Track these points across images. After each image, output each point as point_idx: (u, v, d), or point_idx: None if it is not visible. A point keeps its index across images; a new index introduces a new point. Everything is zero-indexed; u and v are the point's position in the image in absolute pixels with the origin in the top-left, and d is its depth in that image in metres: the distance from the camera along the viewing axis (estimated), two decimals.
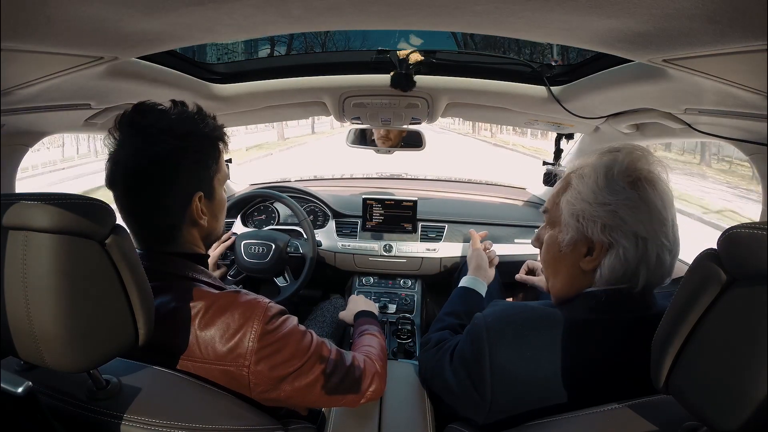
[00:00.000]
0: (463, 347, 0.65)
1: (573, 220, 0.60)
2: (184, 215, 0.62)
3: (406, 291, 1.44)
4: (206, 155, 0.64)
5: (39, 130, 0.84)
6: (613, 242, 0.57)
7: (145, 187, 0.59)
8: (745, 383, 0.32)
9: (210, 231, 0.68)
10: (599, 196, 0.58)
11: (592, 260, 0.59)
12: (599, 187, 0.58)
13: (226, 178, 0.70)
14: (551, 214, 0.66)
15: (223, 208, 0.71)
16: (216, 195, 0.67)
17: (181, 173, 0.61)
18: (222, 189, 0.69)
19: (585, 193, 0.59)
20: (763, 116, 0.63)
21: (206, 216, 0.65)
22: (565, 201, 0.62)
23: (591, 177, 0.60)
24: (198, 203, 0.63)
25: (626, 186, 0.57)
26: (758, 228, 0.32)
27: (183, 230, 0.63)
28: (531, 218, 1.55)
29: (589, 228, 0.58)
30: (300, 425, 0.63)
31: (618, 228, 0.56)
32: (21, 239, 0.40)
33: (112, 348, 0.45)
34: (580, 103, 0.99)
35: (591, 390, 0.53)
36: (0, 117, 0.67)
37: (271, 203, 1.56)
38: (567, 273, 0.63)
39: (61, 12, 0.44)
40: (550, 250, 0.66)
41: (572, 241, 0.61)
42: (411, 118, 1.19)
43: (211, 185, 0.66)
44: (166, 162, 0.59)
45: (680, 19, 0.43)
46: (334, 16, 0.55)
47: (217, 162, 0.66)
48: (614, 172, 0.58)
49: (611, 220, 0.57)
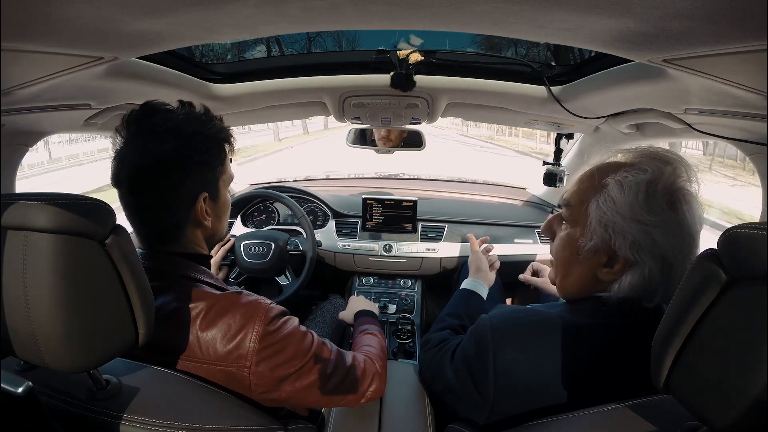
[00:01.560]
0: (467, 347, 0.64)
1: (601, 229, 0.56)
2: (188, 215, 0.63)
3: (406, 291, 1.44)
4: (212, 156, 0.64)
5: (39, 130, 0.84)
6: (639, 261, 0.54)
7: (149, 186, 0.59)
8: (745, 383, 0.32)
9: (213, 232, 0.68)
10: (636, 213, 0.54)
11: (611, 272, 0.57)
12: (639, 202, 0.54)
13: (231, 180, 0.71)
14: (574, 211, 0.61)
15: (227, 210, 0.71)
16: (221, 196, 0.68)
17: (186, 174, 0.61)
18: (227, 190, 0.70)
19: (621, 205, 0.55)
20: (763, 116, 0.63)
21: (210, 217, 0.65)
22: (595, 205, 0.57)
23: (632, 189, 0.54)
24: (203, 204, 0.63)
25: (666, 207, 0.53)
26: (758, 228, 0.32)
27: (186, 230, 0.64)
28: (531, 218, 1.55)
29: (618, 241, 0.55)
30: (300, 425, 0.63)
31: (647, 249, 0.54)
32: (21, 239, 0.40)
33: (112, 348, 0.45)
34: (580, 103, 0.99)
35: (594, 394, 0.53)
36: (0, 117, 0.67)
37: (270, 203, 1.56)
38: (581, 277, 0.61)
39: (61, 12, 0.44)
40: (566, 250, 0.63)
41: (594, 248, 0.58)
42: (411, 118, 1.19)
43: (216, 186, 0.66)
44: (171, 162, 0.59)
45: (680, 19, 0.43)
46: (334, 16, 0.55)
47: (223, 163, 0.66)
48: (657, 190, 0.54)
49: (643, 239, 0.53)
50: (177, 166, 0.60)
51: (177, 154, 0.59)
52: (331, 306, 1.41)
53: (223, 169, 0.67)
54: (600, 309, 0.58)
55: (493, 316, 0.62)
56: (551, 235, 0.69)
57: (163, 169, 0.59)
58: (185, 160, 0.60)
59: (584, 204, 0.59)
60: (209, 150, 0.63)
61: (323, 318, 1.35)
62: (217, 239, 0.71)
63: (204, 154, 0.62)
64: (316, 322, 1.34)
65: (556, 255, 0.66)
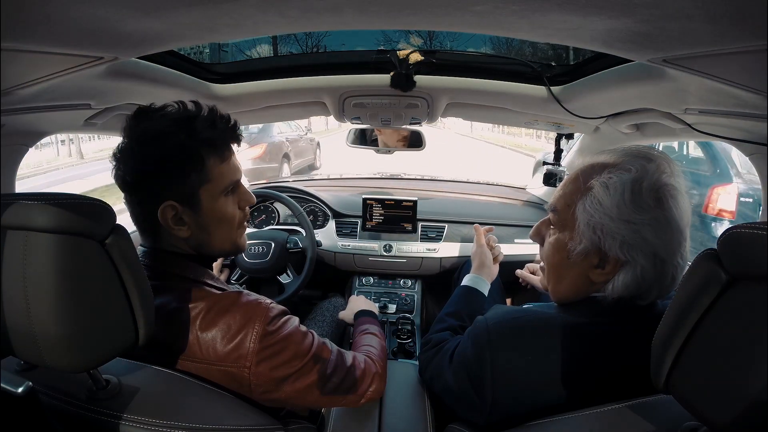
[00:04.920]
0: (465, 349, 0.64)
1: (590, 231, 0.56)
2: (156, 223, 0.60)
3: (406, 291, 1.44)
4: (182, 164, 0.60)
5: (39, 130, 0.84)
6: (630, 260, 0.54)
7: (128, 191, 0.61)
8: (745, 383, 0.32)
9: (199, 243, 0.64)
10: (624, 213, 0.54)
11: (603, 273, 0.57)
12: (625, 202, 0.54)
13: (225, 187, 0.63)
14: (561, 216, 0.61)
15: (217, 221, 0.63)
16: (203, 206, 0.61)
17: (153, 182, 0.59)
18: (218, 200, 0.63)
19: (608, 207, 0.55)
20: (763, 116, 0.63)
21: (186, 227, 0.61)
22: (582, 208, 0.57)
23: (617, 190, 0.55)
24: (168, 213, 0.59)
25: (653, 204, 0.53)
26: (758, 228, 0.32)
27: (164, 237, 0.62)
28: (531, 218, 1.55)
29: (607, 243, 0.55)
30: (300, 425, 0.63)
31: (638, 247, 0.54)
32: (21, 239, 0.40)
33: (112, 348, 0.45)
34: (580, 103, 0.99)
35: (592, 394, 0.53)
36: (0, 117, 0.67)
37: (270, 203, 1.56)
38: (573, 280, 0.61)
39: (61, 12, 0.44)
40: (556, 255, 0.62)
41: (584, 251, 0.57)
42: (411, 118, 1.19)
43: (193, 195, 0.61)
44: (142, 169, 0.59)
45: (680, 19, 0.43)
46: (334, 16, 0.55)
47: (201, 171, 0.60)
48: (643, 188, 0.54)
49: (632, 238, 0.54)
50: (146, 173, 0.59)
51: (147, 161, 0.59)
52: (331, 305, 1.41)
53: (205, 177, 0.61)
54: (595, 308, 0.58)
55: (489, 317, 0.62)
56: (540, 241, 0.68)
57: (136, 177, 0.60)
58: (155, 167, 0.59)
59: (571, 208, 0.59)
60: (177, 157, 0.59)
61: (323, 317, 1.35)
62: (208, 251, 0.66)
63: (173, 162, 0.59)
64: (316, 321, 1.34)
65: (546, 260, 0.65)
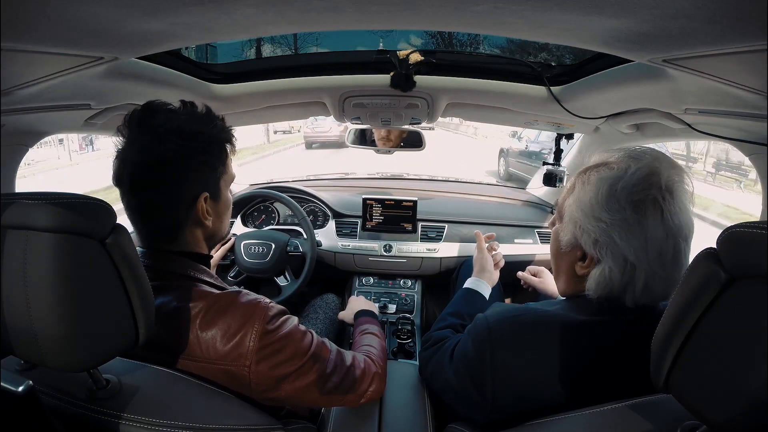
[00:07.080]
0: (465, 346, 0.65)
1: (571, 225, 0.59)
2: (188, 215, 0.63)
3: (406, 291, 1.44)
4: (213, 156, 0.64)
5: (39, 130, 0.84)
6: (602, 259, 0.55)
7: (150, 186, 0.60)
8: (744, 382, 0.32)
9: (214, 231, 0.68)
10: (595, 210, 0.55)
11: (583, 267, 0.59)
12: (598, 200, 0.55)
13: (233, 180, 0.71)
14: (559, 209, 0.66)
15: (228, 209, 0.71)
16: (222, 196, 0.68)
17: (187, 174, 0.61)
18: (228, 190, 0.70)
19: (584, 202, 0.57)
20: (763, 116, 0.63)
21: (211, 217, 0.65)
22: (569, 202, 0.61)
23: (594, 186, 0.56)
24: (203, 204, 0.63)
25: (627, 206, 0.53)
26: (758, 227, 0.32)
27: (186, 230, 0.64)
28: (531, 218, 1.55)
29: (583, 238, 0.57)
30: (300, 425, 0.63)
31: (608, 247, 0.54)
32: (21, 239, 0.40)
33: (112, 347, 0.45)
34: (580, 103, 0.99)
35: (591, 391, 0.53)
36: (0, 117, 0.67)
37: (271, 203, 1.56)
38: (566, 272, 0.64)
39: (61, 12, 0.44)
40: (552, 245, 0.67)
41: (569, 243, 0.61)
42: (411, 118, 1.19)
43: (217, 186, 0.66)
44: (172, 161, 0.59)
45: (680, 19, 0.43)
46: (334, 16, 0.55)
47: (224, 163, 0.67)
48: (618, 188, 0.54)
49: (602, 237, 0.55)
50: (178, 166, 0.60)
51: (178, 154, 0.59)
52: (323, 303, 1.40)
53: (225, 169, 0.67)
54: (594, 306, 0.58)
55: (489, 315, 0.62)
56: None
57: (164, 169, 0.59)
58: (186, 160, 0.60)
59: (565, 201, 0.63)
60: (210, 150, 0.63)
61: (315, 315, 1.34)
62: (218, 239, 0.71)
63: (205, 154, 0.62)
64: (309, 318, 1.34)
65: (550, 251, 0.69)
